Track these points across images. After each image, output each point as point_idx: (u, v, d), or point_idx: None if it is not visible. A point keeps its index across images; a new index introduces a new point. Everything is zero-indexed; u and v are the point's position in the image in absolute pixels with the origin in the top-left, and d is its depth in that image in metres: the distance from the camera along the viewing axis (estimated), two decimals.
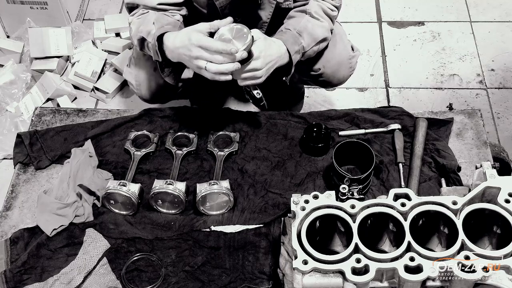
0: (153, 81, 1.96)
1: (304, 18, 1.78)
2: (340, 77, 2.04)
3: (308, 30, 1.76)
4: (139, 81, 1.98)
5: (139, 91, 2.01)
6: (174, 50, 1.60)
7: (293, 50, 1.71)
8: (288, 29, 1.75)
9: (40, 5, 2.91)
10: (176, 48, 1.58)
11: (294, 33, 1.74)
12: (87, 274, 1.56)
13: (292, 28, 1.75)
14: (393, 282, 1.23)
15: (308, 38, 1.76)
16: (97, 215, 1.68)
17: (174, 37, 1.60)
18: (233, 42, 1.54)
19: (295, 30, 1.74)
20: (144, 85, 1.98)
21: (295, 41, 1.72)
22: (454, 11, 3.13)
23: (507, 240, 1.20)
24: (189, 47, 1.54)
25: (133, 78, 2.00)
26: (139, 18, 1.77)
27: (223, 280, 1.54)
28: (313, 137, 1.79)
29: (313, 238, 1.27)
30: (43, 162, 1.83)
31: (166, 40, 1.62)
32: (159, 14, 1.74)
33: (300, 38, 1.74)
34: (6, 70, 2.78)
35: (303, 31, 1.75)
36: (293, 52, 1.71)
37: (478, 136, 1.86)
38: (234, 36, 1.56)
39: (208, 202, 1.66)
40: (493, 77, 2.81)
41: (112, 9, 3.21)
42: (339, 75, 2.02)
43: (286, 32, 1.75)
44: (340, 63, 1.99)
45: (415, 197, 1.28)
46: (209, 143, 1.85)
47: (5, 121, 2.62)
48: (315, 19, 1.79)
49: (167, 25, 1.68)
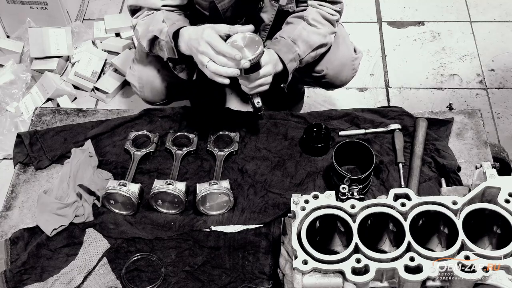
0: (157, 83, 1.96)
1: (300, 25, 1.78)
2: (342, 79, 2.04)
3: (303, 38, 1.76)
4: (142, 83, 1.98)
5: (142, 93, 2.00)
6: (188, 42, 1.61)
7: (287, 59, 1.71)
8: (282, 37, 1.76)
9: (40, 5, 2.91)
10: (190, 39, 1.60)
11: (288, 42, 1.74)
12: (87, 274, 1.56)
13: (286, 36, 1.76)
14: (393, 282, 1.23)
15: (303, 46, 1.76)
16: (97, 215, 1.68)
17: (192, 29, 1.63)
18: (243, 50, 1.54)
19: (289, 38, 1.75)
20: (147, 87, 1.98)
21: (289, 49, 1.73)
22: (454, 11, 3.13)
23: (507, 240, 1.20)
24: (199, 41, 1.55)
25: (136, 80, 1.99)
26: (144, 19, 1.78)
27: (223, 280, 1.54)
28: (313, 137, 1.79)
29: (313, 238, 1.27)
30: (43, 162, 1.83)
31: (184, 32, 1.63)
32: (167, 13, 1.75)
33: (295, 46, 1.74)
34: (6, 70, 2.78)
35: (297, 39, 1.75)
36: (287, 60, 1.71)
37: (478, 136, 1.86)
38: (246, 45, 1.56)
39: (208, 202, 1.66)
40: (493, 77, 2.81)
41: (112, 9, 3.21)
42: (342, 76, 2.02)
43: (280, 40, 1.76)
44: (343, 64, 1.99)
45: (415, 197, 1.28)
46: (209, 143, 1.85)
47: (5, 121, 2.62)
48: (312, 26, 1.79)
49: (178, 21, 1.69)
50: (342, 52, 1.97)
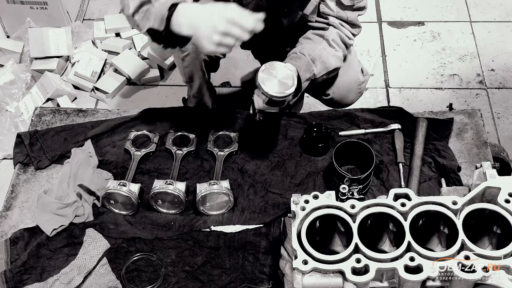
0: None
1: (321, 45, 1.76)
2: (348, 101, 2.08)
3: (322, 59, 1.74)
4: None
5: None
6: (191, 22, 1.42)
7: (304, 78, 1.70)
8: (303, 54, 1.73)
9: (40, 5, 2.91)
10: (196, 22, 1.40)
11: (308, 60, 1.72)
12: (87, 274, 1.56)
13: (307, 54, 1.73)
14: (393, 282, 1.23)
15: (320, 67, 1.75)
16: (97, 215, 1.68)
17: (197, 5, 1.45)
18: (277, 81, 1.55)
19: (309, 57, 1.72)
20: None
21: (308, 68, 1.72)
22: (454, 11, 3.13)
23: (507, 240, 1.20)
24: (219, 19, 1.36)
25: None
26: None
27: (223, 280, 1.54)
28: (313, 137, 1.79)
29: (313, 238, 1.27)
30: (43, 162, 1.83)
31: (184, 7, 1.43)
32: None
33: (313, 66, 1.73)
34: (6, 70, 2.78)
35: (317, 59, 1.73)
36: (304, 79, 1.70)
37: (478, 136, 1.86)
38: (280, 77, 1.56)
39: (208, 202, 1.66)
40: (493, 77, 2.81)
41: (112, 9, 3.21)
42: (348, 100, 2.06)
43: (300, 57, 1.72)
44: (350, 90, 2.01)
45: (415, 197, 1.28)
46: (209, 143, 1.85)
47: (5, 121, 2.62)
48: (331, 47, 1.77)
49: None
50: (349, 77, 1.98)
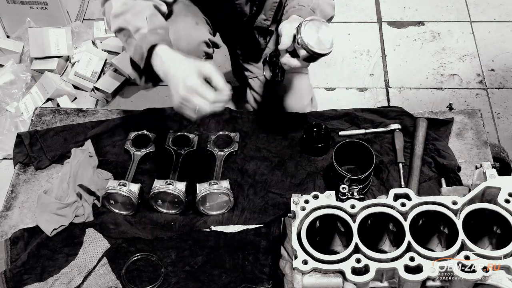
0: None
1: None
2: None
3: (321, 7, 1.74)
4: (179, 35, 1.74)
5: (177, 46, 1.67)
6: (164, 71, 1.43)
7: None
8: (302, 6, 1.71)
9: (40, 5, 2.90)
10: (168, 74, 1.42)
11: (309, 10, 1.71)
12: (87, 274, 1.56)
13: (306, 4, 1.71)
14: (393, 282, 1.23)
15: (320, 16, 1.72)
16: (97, 215, 1.68)
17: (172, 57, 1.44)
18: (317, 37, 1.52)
19: (309, 7, 1.71)
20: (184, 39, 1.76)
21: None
22: (454, 11, 3.13)
23: (507, 240, 1.20)
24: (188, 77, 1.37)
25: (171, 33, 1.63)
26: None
27: (223, 280, 1.54)
28: (313, 137, 1.79)
29: (313, 238, 1.27)
30: (43, 162, 1.83)
31: (162, 52, 1.44)
32: (153, 10, 1.54)
33: (314, 16, 1.69)
34: (6, 70, 2.78)
35: (316, 8, 1.73)
36: None
37: (478, 136, 1.86)
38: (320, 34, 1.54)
39: (208, 202, 1.66)
40: (493, 77, 2.81)
41: None
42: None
43: (301, 8, 1.70)
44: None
45: (415, 197, 1.28)
46: (209, 143, 1.85)
47: (5, 121, 2.62)
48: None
49: (160, 29, 1.49)
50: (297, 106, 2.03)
